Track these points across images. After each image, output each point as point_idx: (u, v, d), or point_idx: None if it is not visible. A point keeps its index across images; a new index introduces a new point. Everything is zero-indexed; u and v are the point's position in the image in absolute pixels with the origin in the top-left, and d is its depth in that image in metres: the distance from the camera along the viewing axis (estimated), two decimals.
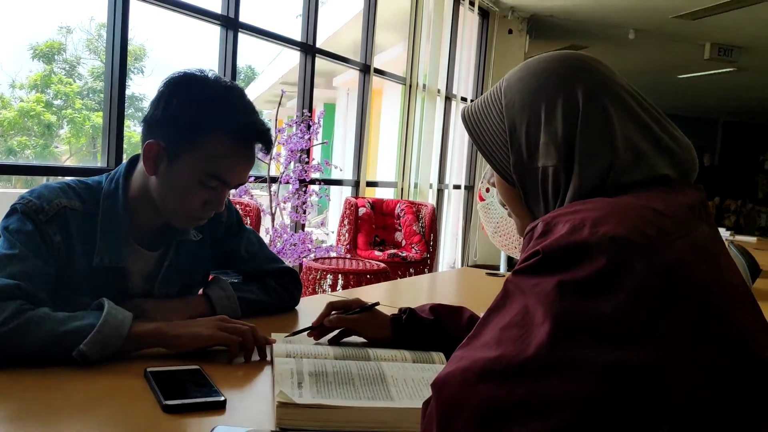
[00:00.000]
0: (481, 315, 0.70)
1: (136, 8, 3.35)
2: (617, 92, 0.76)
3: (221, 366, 1.07)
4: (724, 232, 6.45)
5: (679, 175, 0.74)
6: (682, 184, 0.74)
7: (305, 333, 1.24)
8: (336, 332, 1.26)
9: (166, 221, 1.26)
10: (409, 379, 1.02)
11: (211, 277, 1.43)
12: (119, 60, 3.30)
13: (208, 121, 1.16)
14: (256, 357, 1.13)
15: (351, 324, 1.24)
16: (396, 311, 1.28)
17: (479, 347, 0.65)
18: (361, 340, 1.26)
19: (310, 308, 1.54)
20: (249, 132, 1.20)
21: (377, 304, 1.28)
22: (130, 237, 1.24)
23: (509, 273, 0.69)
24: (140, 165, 1.23)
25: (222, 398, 0.91)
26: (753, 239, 5.38)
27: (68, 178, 1.25)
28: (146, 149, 1.18)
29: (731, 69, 8.32)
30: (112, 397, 0.92)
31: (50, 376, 0.97)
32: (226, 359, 1.09)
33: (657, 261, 0.62)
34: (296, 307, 1.52)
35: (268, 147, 1.24)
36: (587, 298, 0.60)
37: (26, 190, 1.18)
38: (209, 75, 1.21)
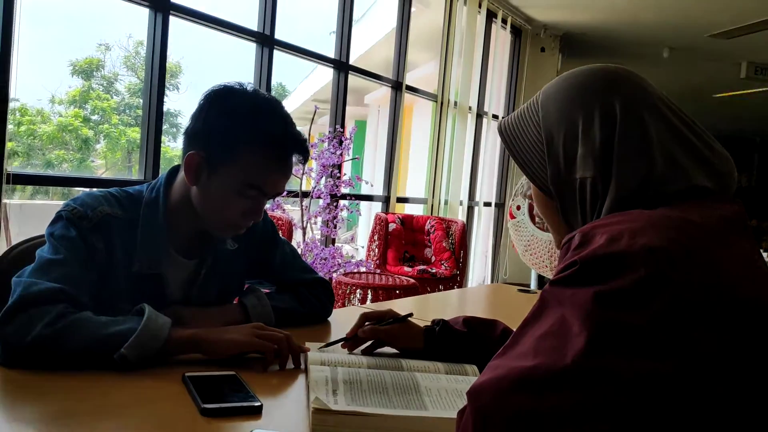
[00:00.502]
0: (515, 328, 0.71)
1: (173, 25, 3.43)
2: (654, 104, 0.76)
3: (256, 373, 1.08)
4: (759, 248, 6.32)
5: (717, 187, 0.74)
6: (720, 196, 0.74)
7: (339, 344, 1.25)
8: (369, 343, 1.26)
9: (204, 230, 1.29)
10: (443, 390, 1.02)
11: (246, 286, 1.45)
12: (158, 77, 3.38)
13: (247, 132, 1.19)
14: (290, 365, 1.14)
15: (384, 335, 1.25)
16: (427, 324, 1.29)
17: (515, 356, 0.66)
18: (394, 351, 1.26)
19: (342, 319, 1.55)
20: (287, 143, 1.23)
21: (411, 315, 1.29)
22: (169, 245, 1.27)
23: (546, 285, 0.70)
24: (180, 175, 1.26)
25: (258, 403, 0.92)
26: None
27: (109, 188, 1.28)
28: (187, 160, 1.21)
29: None
30: (151, 401, 0.94)
31: (91, 378, 0.99)
32: (261, 366, 1.11)
33: (695, 273, 0.61)
34: (329, 318, 1.53)
35: (305, 157, 1.27)
36: (624, 309, 0.60)
37: (63, 202, 1.22)
38: (248, 88, 1.24)
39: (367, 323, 1.26)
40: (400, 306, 1.86)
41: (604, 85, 0.77)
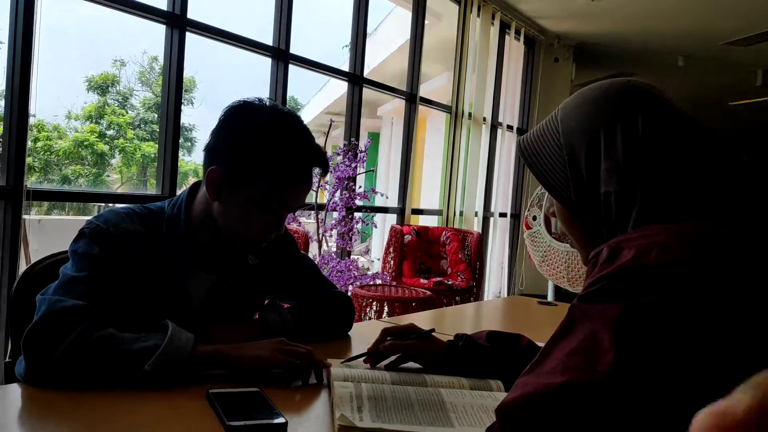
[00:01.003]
0: (539, 343, 0.70)
1: (188, 40, 3.47)
2: (676, 117, 0.75)
3: (279, 389, 1.08)
4: None
5: (744, 197, 0.73)
6: (746, 207, 0.73)
7: (361, 359, 1.25)
8: (392, 358, 1.26)
9: (226, 245, 1.29)
10: (468, 406, 1.02)
11: (267, 301, 1.45)
12: (175, 92, 3.42)
13: (268, 147, 1.19)
14: (313, 380, 1.14)
15: (406, 350, 1.24)
16: (450, 338, 1.28)
17: (545, 373, 0.65)
18: (416, 365, 1.25)
19: (361, 334, 1.55)
20: (307, 156, 1.23)
21: (433, 330, 1.28)
22: (191, 260, 1.27)
23: (574, 300, 0.69)
24: (201, 191, 1.27)
25: (283, 420, 0.92)
26: None
27: (131, 205, 1.29)
28: (209, 176, 1.22)
29: None
30: (176, 418, 0.94)
31: (116, 395, 1.00)
32: (284, 382, 1.11)
33: (725, 286, 0.61)
34: (349, 333, 1.53)
35: (325, 170, 1.27)
36: (654, 323, 0.59)
37: (80, 218, 1.23)
38: (266, 103, 1.25)
39: (388, 338, 1.25)
40: (419, 319, 1.85)
41: (626, 99, 0.77)
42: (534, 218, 4.63)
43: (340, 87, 5.11)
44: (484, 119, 6.18)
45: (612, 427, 0.59)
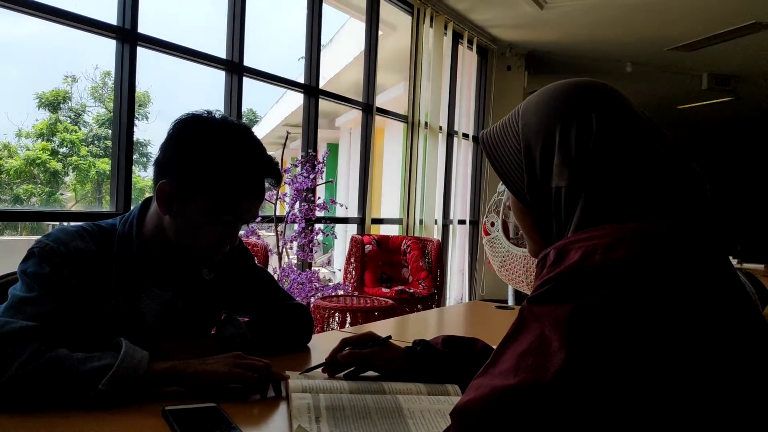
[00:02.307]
0: (494, 346, 0.71)
1: (140, 55, 3.43)
2: (631, 118, 0.77)
3: (237, 403, 1.07)
4: (732, 261, 6.44)
5: (689, 201, 0.75)
6: (692, 209, 0.75)
7: (320, 369, 1.25)
8: (351, 369, 1.26)
9: (180, 261, 1.28)
10: (426, 411, 1.02)
11: (223, 315, 1.44)
12: (127, 107, 3.37)
13: (218, 158, 1.19)
14: (271, 393, 1.13)
15: (364, 358, 1.25)
16: (408, 344, 1.29)
17: (497, 375, 0.66)
18: (376, 374, 1.26)
19: (321, 345, 1.54)
20: (258, 167, 1.23)
21: (389, 337, 1.29)
22: (144, 278, 1.25)
23: (524, 302, 0.70)
24: (153, 206, 1.26)
25: None
26: (761, 266, 5.37)
27: (82, 223, 1.27)
28: (159, 190, 1.21)
29: (730, 98, 8.40)
30: None
31: (70, 416, 0.98)
32: (241, 397, 1.10)
33: (670, 284, 0.63)
34: (308, 344, 1.53)
35: (277, 181, 1.27)
36: (602, 323, 0.61)
37: (32, 237, 1.21)
38: (216, 115, 1.25)
39: (347, 348, 1.26)
40: (380, 328, 1.86)
41: (583, 97, 0.78)
42: (492, 224, 4.68)
43: (298, 98, 5.09)
44: (441, 128, 6.23)
45: (565, 427, 0.60)
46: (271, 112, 12.34)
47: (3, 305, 1.09)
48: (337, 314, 3.52)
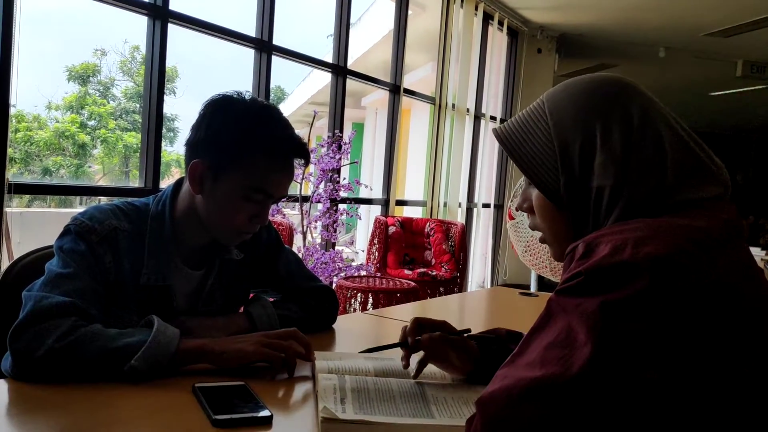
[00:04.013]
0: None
1: (170, 31, 3.45)
2: (664, 114, 0.77)
3: (264, 382, 1.10)
4: (758, 252, 6.32)
5: (724, 194, 0.75)
6: (721, 201, 0.74)
7: (387, 350, 1.16)
8: (418, 360, 1.13)
9: (211, 241, 1.31)
10: (449, 398, 1.04)
11: (251, 295, 1.46)
12: (157, 83, 3.40)
13: (249, 137, 1.21)
14: (299, 372, 1.15)
15: (442, 349, 1.12)
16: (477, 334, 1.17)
17: (523, 366, 0.67)
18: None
19: (346, 326, 1.57)
20: (287, 146, 1.25)
21: (468, 330, 1.17)
22: (175, 257, 1.28)
23: (552, 293, 0.70)
24: (185, 186, 1.28)
25: (268, 413, 0.94)
26: None
27: (116, 200, 1.30)
28: (191, 169, 1.23)
29: (763, 86, 8.22)
30: (162, 412, 0.95)
31: (102, 390, 1.01)
32: (269, 375, 1.12)
33: (701, 280, 0.62)
34: (333, 326, 1.55)
35: (306, 160, 1.29)
36: (629, 318, 0.61)
37: (61, 210, 1.23)
38: (246, 96, 1.27)
39: (425, 335, 1.13)
40: (402, 312, 1.87)
41: (620, 93, 0.77)
42: (517, 209, 4.66)
43: (325, 77, 5.09)
44: (468, 110, 6.19)
45: (588, 421, 0.61)
46: (298, 90, 12.33)
47: (39, 280, 1.12)
48: (359, 295, 3.55)
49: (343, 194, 4.38)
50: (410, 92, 5.67)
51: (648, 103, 0.77)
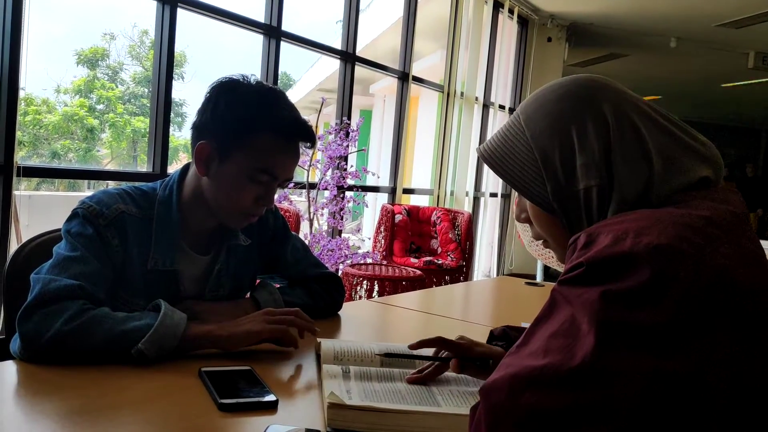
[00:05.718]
0: (526, 322, 0.72)
1: (179, 15, 3.44)
2: (638, 105, 0.77)
3: (271, 367, 1.10)
4: (767, 245, 6.30)
5: (714, 175, 0.75)
6: (719, 185, 0.75)
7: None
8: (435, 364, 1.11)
9: (218, 226, 1.31)
10: (455, 390, 1.04)
11: (258, 281, 1.47)
12: (165, 68, 3.40)
13: (255, 119, 1.22)
14: (304, 359, 1.16)
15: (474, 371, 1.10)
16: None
17: (527, 355, 0.67)
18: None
19: (352, 313, 1.58)
20: (293, 128, 1.26)
21: (488, 362, 1.11)
22: (182, 242, 1.29)
23: (554, 283, 0.71)
24: (192, 170, 1.28)
25: (274, 398, 0.94)
26: None
27: (124, 184, 1.30)
28: (197, 151, 1.23)
29: None
30: (168, 395, 0.96)
31: (109, 373, 1.01)
32: (275, 361, 1.13)
33: (702, 269, 0.62)
34: (339, 313, 1.56)
35: (311, 143, 1.29)
36: (632, 307, 0.61)
37: (69, 193, 1.24)
38: (251, 79, 1.27)
39: (444, 352, 1.12)
40: (408, 300, 1.88)
41: (589, 93, 0.78)
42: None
43: (333, 63, 5.08)
44: (476, 98, 6.17)
45: (591, 408, 0.61)
46: (306, 77, 12.31)
47: (48, 263, 1.13)
48: (365, 282, 3.56)
49: (350, 182, 4.38)
50: (419, 80, 5.65)
51: (619, 97, 0.78)
